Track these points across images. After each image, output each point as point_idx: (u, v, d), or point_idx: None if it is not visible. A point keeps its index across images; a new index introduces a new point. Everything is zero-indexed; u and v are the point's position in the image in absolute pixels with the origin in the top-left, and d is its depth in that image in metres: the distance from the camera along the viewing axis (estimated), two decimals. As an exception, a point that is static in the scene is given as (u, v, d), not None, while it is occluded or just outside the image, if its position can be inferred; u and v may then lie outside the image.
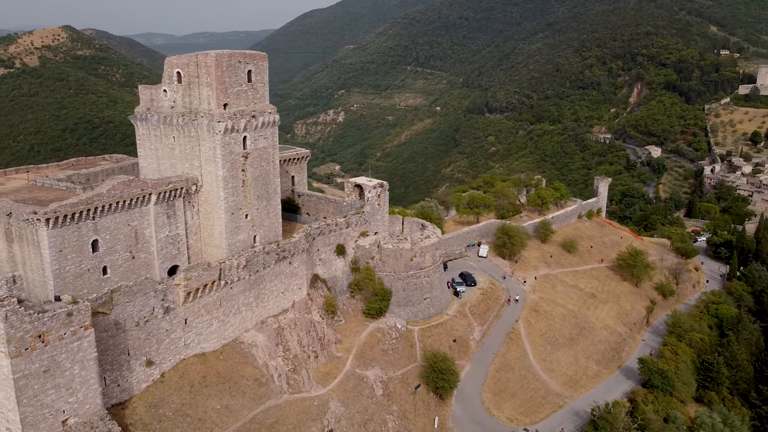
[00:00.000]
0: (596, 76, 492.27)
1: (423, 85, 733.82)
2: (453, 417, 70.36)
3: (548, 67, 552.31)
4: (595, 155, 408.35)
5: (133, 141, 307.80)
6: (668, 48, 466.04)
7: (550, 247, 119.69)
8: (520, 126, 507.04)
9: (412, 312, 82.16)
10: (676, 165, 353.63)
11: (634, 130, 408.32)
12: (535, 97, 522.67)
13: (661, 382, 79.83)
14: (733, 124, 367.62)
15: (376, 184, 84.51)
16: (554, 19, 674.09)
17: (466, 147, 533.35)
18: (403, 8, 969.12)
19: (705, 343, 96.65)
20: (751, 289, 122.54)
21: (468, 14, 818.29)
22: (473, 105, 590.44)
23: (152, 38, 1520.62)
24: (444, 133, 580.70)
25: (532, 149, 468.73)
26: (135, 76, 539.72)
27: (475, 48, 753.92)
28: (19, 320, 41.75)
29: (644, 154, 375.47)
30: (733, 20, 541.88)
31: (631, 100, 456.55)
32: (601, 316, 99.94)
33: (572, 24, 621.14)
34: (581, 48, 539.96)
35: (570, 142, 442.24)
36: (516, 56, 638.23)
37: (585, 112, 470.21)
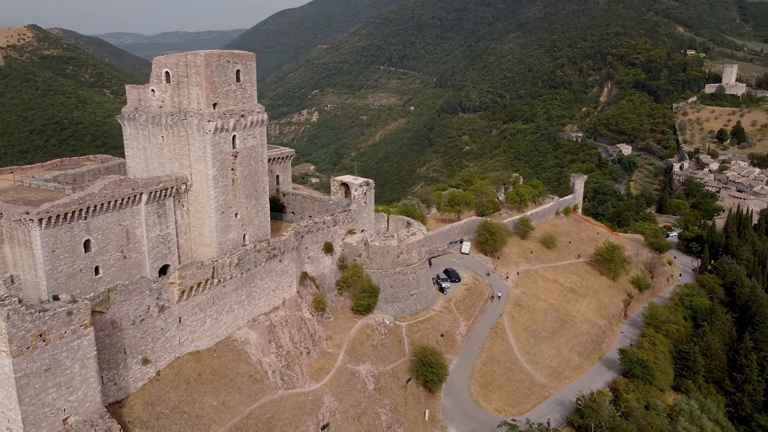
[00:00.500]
0: (567, 76, 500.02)
1: (397, 84, 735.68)
2: (443, 409, 71.79)
3: (520, 67, 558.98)
4: (567, 153, 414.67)
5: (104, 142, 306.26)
6: (637, 48, 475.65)
7: (530, 243, 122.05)
8: (493, 125, 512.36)
9: (399, 308, 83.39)
10: (647, 162, 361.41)
11: (605, 128, 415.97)
12: (508, 97, 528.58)
13: (641, 371, 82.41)
14: (700, 122, 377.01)
15: (362, 183, 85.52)
16: (525, 20, 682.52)
17: (441, 146, 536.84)
18: (376, 8, 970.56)
19: (681, 333, 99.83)
20: (722, 281, 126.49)
21: (440, 14, 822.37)
22: (447, 105, 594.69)
23: (121, 38, 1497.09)
24: (418, 132, 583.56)
25: (505, 148, 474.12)
26: (104, 77, 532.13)
27: (448, 48, 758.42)
28: (21, 319, 41.87)
29: (615, 152, 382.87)
30: (698, 21, 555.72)
31: (601, 99, 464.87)
32: (581, 309, 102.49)
33: (543, 24, 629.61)
34: (552, 48, 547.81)
35: (543, 141, 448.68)
36: (488, 56, 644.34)
37: (557, 111, 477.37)
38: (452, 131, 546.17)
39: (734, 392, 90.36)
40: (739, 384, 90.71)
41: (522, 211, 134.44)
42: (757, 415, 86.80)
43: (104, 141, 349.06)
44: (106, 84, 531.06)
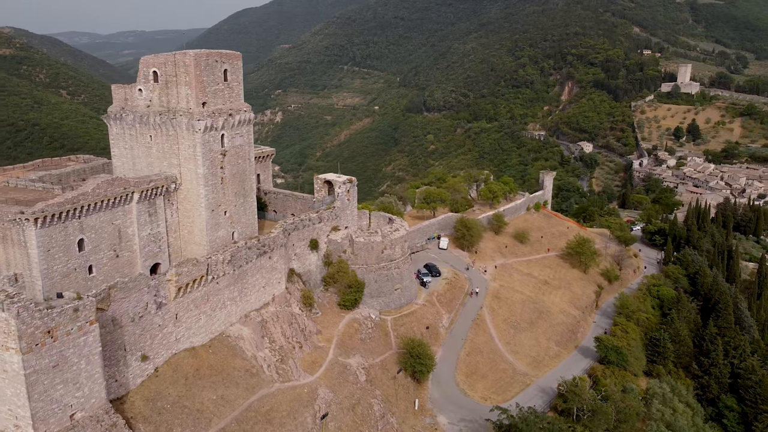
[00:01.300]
0: (529, 75, 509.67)
1: (360, 84, 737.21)
2: (431, 399, 73.96)
3: (483, 67, 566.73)
4: (530, 151, 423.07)
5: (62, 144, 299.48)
6: (596, 48, 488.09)
7: (504, 238, 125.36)
8: (457, 124, 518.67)
9: (384, 302, 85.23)
10: (607, 160, 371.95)
11: (567, 126, 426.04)
12: (472, 96, 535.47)
13: (616, 358, 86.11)
14: (657, 120, 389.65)
15: (346, 180, 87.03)
16: (487, 20, 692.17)
17: (406, 145, 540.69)
18: (338, 7, 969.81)
19: (650, 321, 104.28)
20: (686, 272, 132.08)
21: (403, 14, 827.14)
22: (411, 104, 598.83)
23: (75, 37, 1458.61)
24: (383, 132, 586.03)
25: (470, 147, 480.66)
26: (60, 77, 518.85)
27: (411, 47, 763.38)
28: (30, 316, 42.27)
29: (577, 150, 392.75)
30: (653, 22, 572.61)
31: (562, 98, 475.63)
32: (555, 300, 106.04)
33: (504, 24, 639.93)
34: (514, 48, 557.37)
35: (507, 140, 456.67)
36: (451, 56, 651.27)
37: (520, 110, 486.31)
38: (417, 130, 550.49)
39: (702, 376, 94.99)
40: (706, 368, 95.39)
41: (494, 207, 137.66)
42: (724, 396, 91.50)
43: (62, 143, 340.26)
44: (63, 84, 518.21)
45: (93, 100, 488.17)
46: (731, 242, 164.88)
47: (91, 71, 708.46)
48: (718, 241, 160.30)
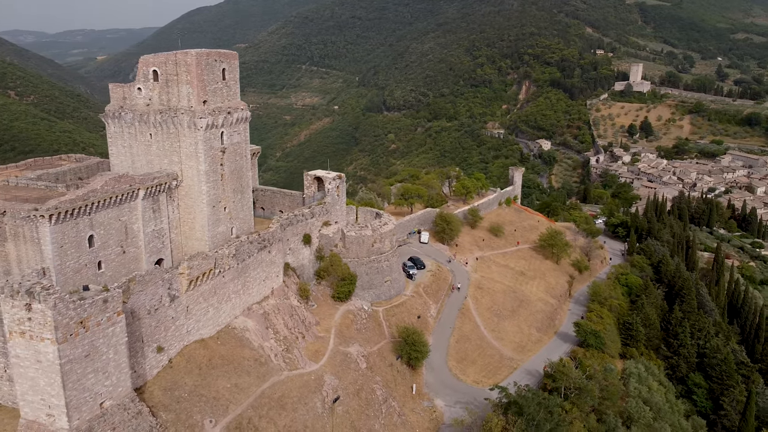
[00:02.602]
0: (487, 75, 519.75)
1: (319, 84, 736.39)
2: (427, 384, 77.26)
3: (442, 66, 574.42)
4: (491, 150, 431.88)
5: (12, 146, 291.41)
6: (551, 48, 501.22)
7: (479, 232, 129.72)
8: (418, 123, 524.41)
9: (375, 294, 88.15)
10: (565, 157, 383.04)
11: (525, 124, 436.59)
12: (431, 95, 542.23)
13: (594, 341, 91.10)
14: (611, 117, 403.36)
15: (335, 176, 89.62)
16: (444, 20, 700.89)
17: (367, 145, 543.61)
18: (295, 7, 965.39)
19: (622, 307, 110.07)
20: (650, 261, 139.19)
21: (360, 14, 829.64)
22: (371, 103, 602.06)
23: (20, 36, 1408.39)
24: (344, 131, 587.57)
25: (431, 145, 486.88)
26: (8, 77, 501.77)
27: (369, 47, 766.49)
28: (65, 307, 43.68)
29: (536, 148, 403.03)
30: (605, 22, 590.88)
31: (520, 97, 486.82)
32: (533, 290, 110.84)
33: (462, 24, 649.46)
34: (472, 47, 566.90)
35: (467, 138, 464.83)
36: (410, 55, 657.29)
37: (479, 108, 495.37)
38: (378, 130, 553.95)
39: (671, 356, 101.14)
40: (675, 348, 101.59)
41: (468, 202, 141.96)
42: (692, 375, 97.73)
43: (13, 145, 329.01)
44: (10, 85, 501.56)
45: (43, 101, 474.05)
46: (688, 233, 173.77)
47: (39, 71, 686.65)
48: (676, 232, 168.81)
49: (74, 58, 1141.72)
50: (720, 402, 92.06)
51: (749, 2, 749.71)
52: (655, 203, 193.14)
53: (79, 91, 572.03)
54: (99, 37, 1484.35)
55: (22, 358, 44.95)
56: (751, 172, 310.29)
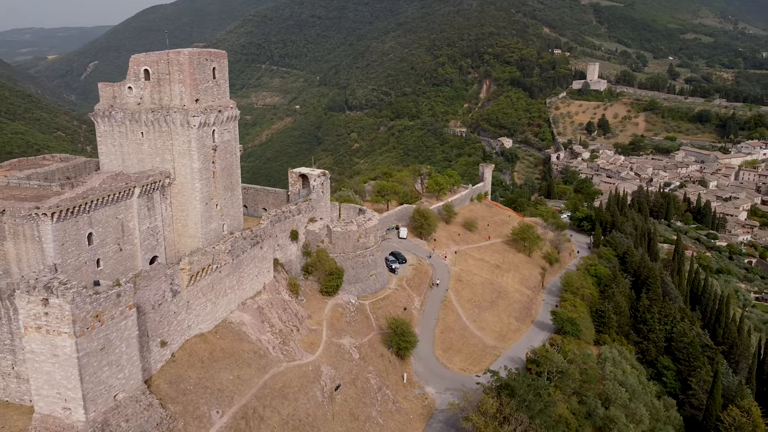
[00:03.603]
0: (448, 74, 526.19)
1: (280, 83, 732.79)
2: (416, 373, 79.81)
3: (403, 65, 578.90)
4: (453, 148, 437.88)
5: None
6: (510, 47, 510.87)
7: (454, 227, 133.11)
8: (380, 122, 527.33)
9: (361, 288, 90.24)
10: (527, 154, 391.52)
11: (487, 123, 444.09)
12: (393, 94, 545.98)
13: (571, 328, 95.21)
14: (570, 115, 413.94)
15: (320, 173, 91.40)
16: (404, 19, 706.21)
17: (330, 144, 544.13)
18: (253, 6, 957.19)
19: (593, 296, 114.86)
20: (615, 252, 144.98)
21: (320, 12, 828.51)
22: (333, 103, 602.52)
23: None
24: (306, 131, 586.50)
25: (394, 144, 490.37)
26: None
27: (329, 46, 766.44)
28: (83, 301, 44.59)
29: (498, 146, 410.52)
30: (561, 23, 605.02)
31: (481, 96, 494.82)
32: (509, 282, 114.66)
33: (422, 24, 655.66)
34: (432, 47, 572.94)
35: (430, 137, 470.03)
36: (371, 54, 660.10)
37: (441, 107, 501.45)
38: (340, 129, 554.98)
39: (641, 341, 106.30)
40: (644, 334, 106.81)
41: (441, 199, 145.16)
42: (661, 358, 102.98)
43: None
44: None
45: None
46: (649, 226, 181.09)
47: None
48: (638, 225, 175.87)
49: (23, 57, 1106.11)
50: (688, 382, 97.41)
51: (697, 3, 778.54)
52: (617, 198, 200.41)
53: (29, 91, 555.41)
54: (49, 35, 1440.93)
55: (37, 352, 45.61)
56: (703, 167, 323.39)
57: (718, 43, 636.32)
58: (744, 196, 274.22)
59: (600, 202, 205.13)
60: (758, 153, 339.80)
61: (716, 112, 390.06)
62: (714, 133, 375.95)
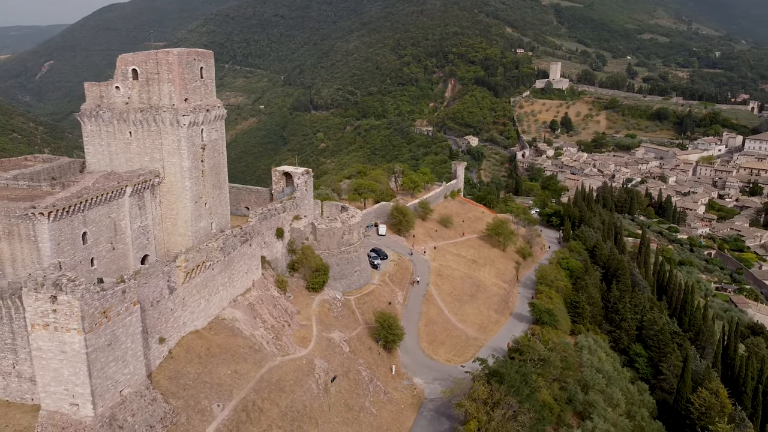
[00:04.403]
0: (414, 73, 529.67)
1: (243, 83, 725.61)
2: (404, 365, 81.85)
3: (368, 65, 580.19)
4: (420, 147, 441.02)
5: None
6: (474, 47, 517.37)
7: (430, 224, 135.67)
8: (347, 122, 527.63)
9: (346, 284, 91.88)
10: (492, 152, 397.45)
11: (453, 122, 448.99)
12: (359, 94, 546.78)
13: (548, 318, 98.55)
14: (534, 114, 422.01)
15: (304, 171, 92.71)
16: (368, 19, 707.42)
17: (296, 144, 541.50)
18: (214, 5, 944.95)
19: (567, 288, 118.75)
20: (585, 246, 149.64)
21: (283, 12, 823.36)
22: (298, 102, 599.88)
23: None
24: (271, 131, 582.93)
25: (361, 144, 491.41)
26: None
27: (293, 46, 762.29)
28: (91, 298, 45.29)
29: (464, 144, 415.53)
30: (523, 23, 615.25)
31: (446, 95, 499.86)
32: (486, 276, 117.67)
33: (386, 23, 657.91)
34: (397, 46, 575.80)
35: (396, 136, 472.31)
36: (335, 54, 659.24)
37: (407, 106, 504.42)
38: (306, 129, 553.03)
39: (614, 330, 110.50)
40: (617, 323, 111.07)
41: (415, 196, 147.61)
42: (633, 345, 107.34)
43: None
44: None
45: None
46: (615, 220, 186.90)
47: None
48: (605, 219, 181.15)
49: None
50: (659, 368, 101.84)
51: (653, 4, 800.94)
52: (583, 193, 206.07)
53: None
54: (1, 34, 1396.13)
55: (44, 350, 46.11)
56: (663, 163, 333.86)
57: (673, 43, 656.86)
58: (702, 191, 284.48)
59: (568, 198, 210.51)
60: (713, 149, 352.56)
61: (673, 110, 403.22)
62: (672, 131, 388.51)
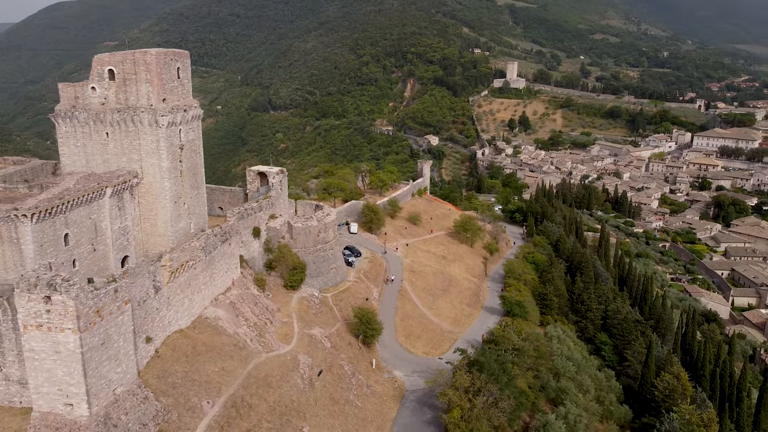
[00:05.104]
0: (373, 73, 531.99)
1: (199, 83, 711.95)
2: (383, 359, 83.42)
3: (326, 65, 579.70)
4: (381, 146, 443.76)
5: None
6: (432, 47, 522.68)
7: (399, 221, 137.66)
8: (306, 122, 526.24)
9: (322, 281, 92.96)
10: (453, 151, 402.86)
11: (413, 121, 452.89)
12: (318, 94, 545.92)
13: (519, 310, 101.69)
14: (492, 113, 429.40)
15: (278, 171, 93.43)
16: (326, 18, 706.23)
17: (255, 145, 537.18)
18: (168, 3, 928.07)
19: (534, 281, 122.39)
20: (549, 241, 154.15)
21: (239, 11, 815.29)
22: (256, 103, 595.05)
23: None
24: (230, 131, 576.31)
25: (321, 144, 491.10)
26: None
27: (250, 45, 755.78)
28: (86, 297, 45.50)
29: (425, 143, 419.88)
30: (479, 23, 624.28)
31: (406, 95, 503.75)
32: (456, 271, 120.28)
33: (344, 23, 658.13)
34: (355, 46, 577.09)
35: (357, 135, 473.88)
36: (293, 54, 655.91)
37: (366, 106, 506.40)
38: (265, 129, 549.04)
39: (580, 320, 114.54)
40: (583, 313, 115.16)
41: (383, 195, 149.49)
42: (599, 334, 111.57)
43: None
44: None
45: None
46: (576, 215, 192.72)
47: None
48: (566, 215, 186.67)
49: None
50: (624, 355, 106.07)
51: (604, 5, 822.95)
52: (544, 190, 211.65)
53: None
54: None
55: (37, 350, 46.12)
56: (617, 160, 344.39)
57: (624, 43, 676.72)
58: (655, 186, 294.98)
59: (530, 195, 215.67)
60: (664, 146, 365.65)
61: (626, 108, 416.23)
62: (625, 128, 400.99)
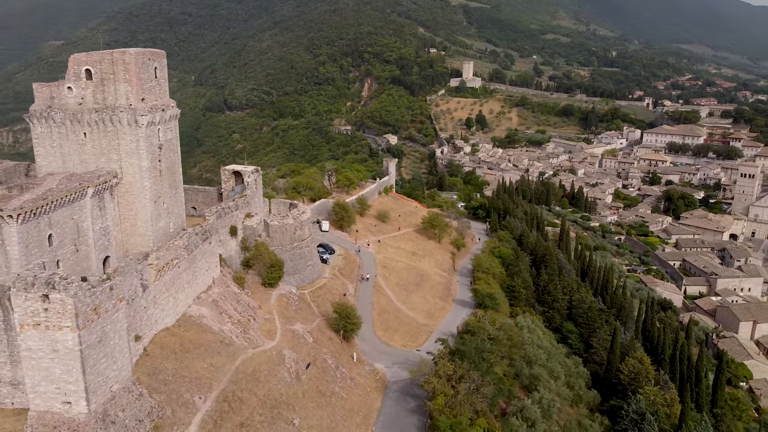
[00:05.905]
0: (330, 73, 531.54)
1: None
2: (363, 352, 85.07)
3: (282, 64, 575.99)
4: (340, 146, 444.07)
5: None
6: (389, 46, 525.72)
7: (368, 219, 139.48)
8: (263, 122, 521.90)
9: (299, 278, 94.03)
10: (412, 150, 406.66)
11: (371, 120, 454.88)
12: (275, 94, 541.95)
13: (490, 302, 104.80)
14: (450, 112, 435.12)
15: (253, 170, 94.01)
16: (280, 18, 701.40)
17: (211, 146, 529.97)
18: (116, 2, 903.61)
19: (502, 274, 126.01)
20: (512, 235, 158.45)
21: (191, 10, 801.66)
22: (211, 103, 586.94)
23: None
24: (184, 132, 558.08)
25: (279, 144, 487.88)
26: None
27: (203, 45, 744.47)
28: (84, 295, 45.79)
29: (384, 142, 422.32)
30: (434, 23, 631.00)
31: (363, 94, 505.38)
32: (427, 266, 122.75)
33: (299, 23, 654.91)
34: (312, 46, 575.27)
35: (315, 135, 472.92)
36: (248, 53, 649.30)
37: (324, 106, 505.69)
38: (221, 130, 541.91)
39: (547, 310, 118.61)
40: (549, 304, 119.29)
41: (351, 193, 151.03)
42: (565, 323, 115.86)
43: None
44: None
45: None
46: (536, 210, 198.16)
47: None
48: (527, 210, 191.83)
49: None
50: (590, 342, 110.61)
51: (554, 6, 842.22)
52: (505, 187, 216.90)
53: None
54: None
55: (35, 349, 46.17)
56: (572, 157, 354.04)
57: (574, 43, 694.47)
58: (608, 182, 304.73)
59: (491, 191, 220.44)
60: (616, 143, 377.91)
61: (578, 106, 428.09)
62: (578, 126, 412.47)
